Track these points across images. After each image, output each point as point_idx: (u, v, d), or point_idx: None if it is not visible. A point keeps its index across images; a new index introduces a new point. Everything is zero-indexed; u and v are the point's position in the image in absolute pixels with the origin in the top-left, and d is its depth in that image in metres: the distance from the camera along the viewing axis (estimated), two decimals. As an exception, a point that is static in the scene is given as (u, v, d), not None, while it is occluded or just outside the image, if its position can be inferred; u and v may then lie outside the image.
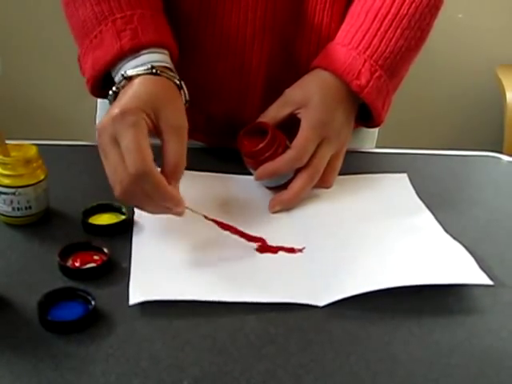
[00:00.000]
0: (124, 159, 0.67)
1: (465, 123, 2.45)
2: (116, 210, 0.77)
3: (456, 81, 2.39)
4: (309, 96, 0.82)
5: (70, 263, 0.68)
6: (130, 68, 0.74)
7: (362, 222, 0.79)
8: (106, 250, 0.69)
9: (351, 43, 0.83)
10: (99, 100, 1.04)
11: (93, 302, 0.62)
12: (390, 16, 0.84)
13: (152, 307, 0.63)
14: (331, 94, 0.82)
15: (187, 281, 0.67)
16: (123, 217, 0.76)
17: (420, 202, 0.84)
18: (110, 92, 0.75)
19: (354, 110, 0.85)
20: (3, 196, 0.72)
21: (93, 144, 0.96)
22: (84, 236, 0.73)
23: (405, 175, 0.90)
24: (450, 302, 0.67)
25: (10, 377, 0.55)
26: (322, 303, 0.65)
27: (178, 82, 0.75)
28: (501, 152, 1.01)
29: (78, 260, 0.68)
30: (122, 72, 0.74)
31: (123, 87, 0.73)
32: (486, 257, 0.74)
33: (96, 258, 0.69)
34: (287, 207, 0.80)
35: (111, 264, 0.68)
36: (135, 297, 0.63)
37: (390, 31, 0.83)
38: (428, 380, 0.57)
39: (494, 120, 2.31)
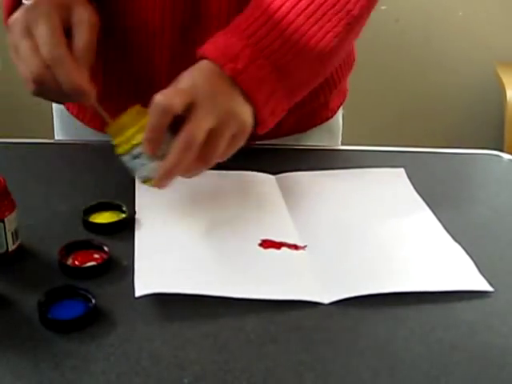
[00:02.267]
0: (38, 47, 0.69)
1: (465, 121, 2.45)
2: (116, 208, 0.77)
3: (456, 78, 2.39)
4: (175, 84, 0.74)
5: (70, 262, 0.68)
6: None
7: (363, 220, 0.79)
8: (106, 249, 0.69)
9: (235, 30, 0.76)
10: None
11: (93, 301, 0.62)
12: (283, 8, 0.76)
13: (152, 305, 0.63)
14: (206, 73, 0.74)
15: (192, 275, 0.67)
16: (123, 215, 0.76)
17: (419, 199, 0.84)
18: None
19: (241, 98, 0.74)
20: None
21: (94, 142, 0.96)
22: (84, 234, 0.73)
23: (402, 170, 0.90)
24: (451, 299, 0.66)
25: (10, 376, 0.55)
26: (326, 300, 0.65)
27: None
28: (501, 150, 1.01)
29: (79, 258, 0.68)
30: None
31: None
32: (486, 255, 0.74)
33: (96, 256, 0.69)
34: (169, 179, 0.72)
35: (112, 262, 0.68)
36: (141, 289, 0.63)
37: (281, 24, 0.76)
38: (429, 377, 0.57)
39: (495, 118, 2.31)
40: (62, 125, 1.04)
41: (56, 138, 1.06)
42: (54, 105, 1.04)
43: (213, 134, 0.71)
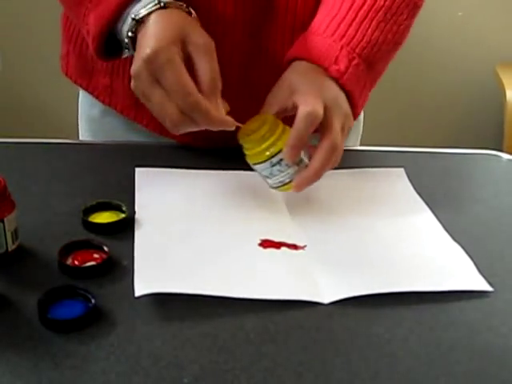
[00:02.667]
0: (169, 96, 0.70)
1: (465, 121, 2.45)
2: (116, 208, 0.77)
3: (456, 79, 2.39)
4: (289, 85, 0.79)
5: (70, 261, 0.68)
6: (137, 11, 0.74)
7: (363, 220, 0.79)
8: (106, 249, 0.69)
9: (326, 32, 0.82)
10: (80, 96, 1.05)
11: (93, 301, 0.62)
12: (365, 7, 0.83)
13: (152, 305, 0.63)
14: (313, 75, 0.80)
15: (192, 275, 0.67)
16: (123, 215, 0.76)
17: (419, 199, 0.84)
18: (126, 41, 0.75)
19: (345, 96, 0.81)
20: None
21: (94, 142, 0.96)
22: (84, 234, 0.73)
23: (402, 170, 0.90)
24: (450, 299, 0.67)
25: (9, 376, 0.55)
26: (326, 300, 0.65)
27: (187, 9, 0.76)
28: (501, 150, 1.02)
29: (78, 258, 0.68)
30: (132, 16, 0.74)
31: (138, 31, 0.74)
32: (486, 254, 0.74)
33: (96, 256, 0.69)
34: (309, 185, 0.78)
35: (111, 262, 0.68)
36: (141, 289, 0.63)
37: (365, 22, 0.83)
38: (428, 377, 0.57)
39: (494, 118, 2.31)
40: (88, 127, 1.05)
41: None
42: (81, 110, 1.05)
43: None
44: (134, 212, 0.77)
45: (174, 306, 0.63)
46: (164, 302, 0.63)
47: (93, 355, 0.57)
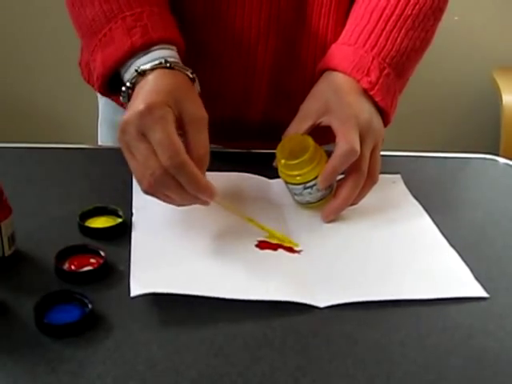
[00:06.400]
0: (155, 153, 0.67)
1: (461, 126, 2.46)
2: (112, 213, 0.77)
3: (452, 83, 2.39)
4: (326, 101, 0.81)
5: (66, 266, 0.68)
6: (143, 64, 0.73)
7: (360, 225, 0.79)
8: (102, 253, 0.69)
9: (357, 42, 0.84)
10: (101, 103, 1.04)
11: (89, 306, 0.61)
12: (394, 17, 0.85)
13: (149, 310, 0.63)
14: (346, 91, 0.81)
15: (188, 276, 0.67)
16: (120, 220, 0.76)
17: (417, 203, 0.84)
18: (124, 88, 0.74)
19: (375, 109, 0.83)
20: None
21: (90, 147, 0.96)
22: (81, 239, 0.73)
23: (398, 176, 0.90)
24: (447, 303, 0.67)
25: (6, 380, 0.55)
26: (322, 304, 0.65)
27: (190, 75, 0.75)
28: (497, 154, 1.02)
29: (75, 263, 0.68)
30: (135, 68, 0.73)
31: (137, 83, 0.73)
32: (482, 258, 0.74)
33: (93, 261, 0.69)
34: (338, 214, 0.80)
35: (108, 267, 0.68)
36: (136, 289, 0.63)
37: (394, 31, 0.84)
38: (425, 382, 0.57)
39: (491, 122, 2.31)
40: (111, 133, 1.05)
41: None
42: (103, 116, 1.05)
43: (372, 154, 0.80)
44: (131, 213, 0.76)
45: (171, 311, 0.63)
46: (161, 306, 0.63)
47: (89, 360, 0.57)
